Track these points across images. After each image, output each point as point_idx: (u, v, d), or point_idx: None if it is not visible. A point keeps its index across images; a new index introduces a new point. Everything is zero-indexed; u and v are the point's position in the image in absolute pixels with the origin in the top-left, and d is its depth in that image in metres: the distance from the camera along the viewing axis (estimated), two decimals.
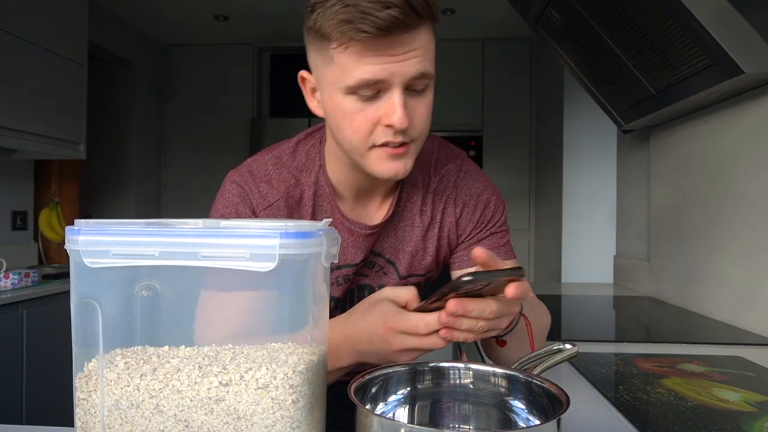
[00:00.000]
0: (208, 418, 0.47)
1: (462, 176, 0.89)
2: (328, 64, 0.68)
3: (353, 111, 0.68)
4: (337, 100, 0.69)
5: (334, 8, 0.63)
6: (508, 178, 3.78)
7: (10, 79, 2.20)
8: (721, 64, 1.20)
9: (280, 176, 0.83)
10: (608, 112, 1.94)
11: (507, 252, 0.90)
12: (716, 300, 1.50)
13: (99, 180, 3.64)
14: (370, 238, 0.85)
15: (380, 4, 0.61)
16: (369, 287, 0.90)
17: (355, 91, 0.67)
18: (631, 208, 2.24)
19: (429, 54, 0.68)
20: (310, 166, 0.84)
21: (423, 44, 0.67)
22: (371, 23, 0.61)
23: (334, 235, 0.52)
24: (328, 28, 0.64)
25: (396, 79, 0.66)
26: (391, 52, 0.64)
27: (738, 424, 0.71)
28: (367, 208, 0.86)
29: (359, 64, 0.65)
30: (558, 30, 1.79)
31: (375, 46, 0.64)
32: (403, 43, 0.64)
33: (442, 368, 0.59)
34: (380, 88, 0.67)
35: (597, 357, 1.05)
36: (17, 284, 2.07)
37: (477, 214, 0.89)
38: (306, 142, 0.87)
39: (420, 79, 0.68)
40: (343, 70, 0.66)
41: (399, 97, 0.66)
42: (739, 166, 1.41)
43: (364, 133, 0.69)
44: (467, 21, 3.51)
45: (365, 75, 0.65)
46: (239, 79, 3.96)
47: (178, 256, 0.46)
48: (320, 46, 0.68)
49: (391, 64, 0.65)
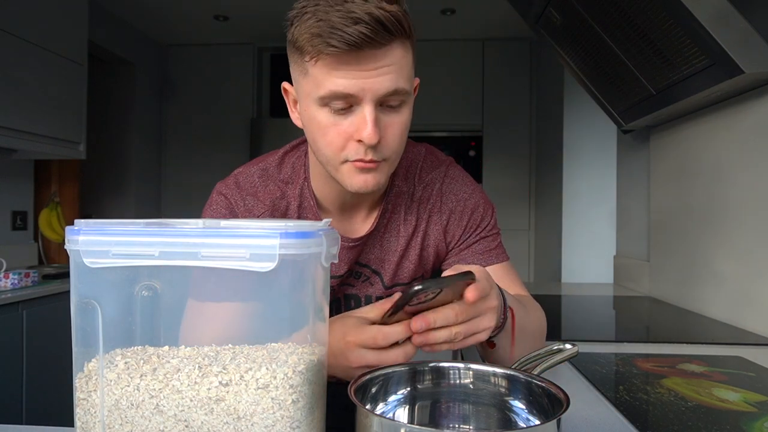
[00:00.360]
0: (208, 418, 0.47)
1: (447, 183, 0.90)
2: (304, 76, 0.69)
3: (327, 124, 0.69)
4: (312, 112, 0.70)
5: (308, 22, 0.65)
6: (508, 178, 3.78)
7: (10, 79, 2.20)
8: (721, 64, 1.20)
9: (266, 189, 0.84)
10: (608, 112, 1.94)
11: (498, 255, 0.90)
12: (716, 300, 1.50)
13: (99, 180, 3.64)
14: (354, 251, 0.86)
15: (350, 19, 0.62)
16: (355, 297, 0.91)
17: (327, 103, 0.68)
18: (631, 208, 2.24)
19: (404, 71, 0.68)
20: (295, 178, 0.86)
21: (396, 61, 0.67)
22: (339, 38, 0.62)
23: (334, 235, 0.52)
24: (302, 41, 0.66)
25: (367, 95, 0.66)
26: (361, 67, 0.65)
27: (738, 424, 0.71)
28: (352, 221, 0.87)
29: (329, 76, 0.66)
30: (558, 30, 1.79)
31: (345, 61, 0.64)
32: (374, 59, 0.65)
33: (442, 368, 0.59)
34: (352, 102, 0.67)
35: (597, 357, 1.05)
36: (17, 284, 2.07)
37: (465, 220, 0.89)
38: (292, 154, 0.88)
39: (393, 96, 0.68)
40: (316, 82, 0.67)
41: (370, 112, 0.67)
42: (739, 166, 1.41)
43: (337, 147, 0.70)
44: (467, 21, 3.51)
45: (335, 87, 0.66)
46: (239, 79, 3.97)
47: (178, 256, 0.47)
48: (297, 58, 0.69)
49: (362, 79, 0.65)
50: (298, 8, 0.67)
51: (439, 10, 3.33)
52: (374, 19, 0.62)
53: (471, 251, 0.90)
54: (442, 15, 3.41)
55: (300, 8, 0.67)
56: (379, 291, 0.90)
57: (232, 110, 3.96)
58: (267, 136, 3.82)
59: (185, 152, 4.00)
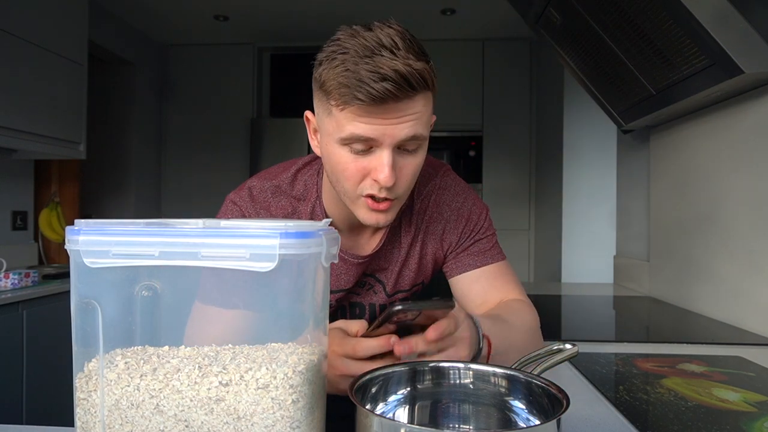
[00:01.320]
0: (208, 418, 0.47)
1: (441, 193, 0.94)
2: (327, 115, 0.72)
3: (346, 161, 0.72)
4: (333, 149, 0.73)
5: (336, 69, 0.68)
6: (508, 178, 3.78)
7: (11, 79, 2.20)
8: (721, 64, 1.20)
9: (278, 204, 0.88)
10: (608, 112, 1.94)
11: (494, 255, 0.94)
12: (716, 300, 1.50)
13: (99, 180, 3.64)
14: (362, 266, 0.90)
15: (378, 75, 0.65)
16: (360, 305, 0.95)
17: (348, 143, 0.71)
18: (631, 208, 2.24)
19: (423, 118, 0.71)
20: (307, 196, 0.89)
21: (416, 111, 0.70)
22: (366, 93, 0.65)
23: (333, 235, 0.52)
24: (330, 87, 0.69)
25: (387, 140, 0.70)
26: (383, 117, 0.68)
27: (738, 424, 0.71)
28: (360, 239, 0.91)
29: (353, 122, 0.69)
30: (558, 30, 1.79)
31: (369, 111, 0.68)
32: (395, 110, 0.68)
33: (442, 368, 0.59)
34: (372, 144, 0.71)
35: (597, 357, 1.05)
36: (17, 284, 2.07)
37: (460, 227, 0.93)
38: (304, 172, 0.91)
39: (411, 141, 0.71)
40: (339, 125, 0.70)
41: (388, 157, 0.70)
42: (739, 166, 1.41)
43: (355, 182, 0.74)
44: (467, 21, 3.51)
45: (357, 131, 0.69)
46: (239, 79, 3.96)
47: (178, 256, 0.47)
48: (322, 97, 0.72)
49: (383, 126, 0.68)
50: (328, 52, 0.70)
51: (439, 10, 3.33)
52: (400, 75, 0.65)
53: (467, 254, 0.94)
54: (442, 15, 3.41)
55: (330, 52, 0.69)
56: (382, 299, 0.94)
57: (232, 110, 3.96)
58: (267, 136, 3.82)
59: (185, 152, 4.00)
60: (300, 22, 3.56)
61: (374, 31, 0.67)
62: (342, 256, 0.88)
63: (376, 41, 0.66)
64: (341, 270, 0.89)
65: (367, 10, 3.32)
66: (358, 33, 0.68)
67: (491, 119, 3.81)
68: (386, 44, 0.66)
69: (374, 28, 0.68)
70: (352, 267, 0.89)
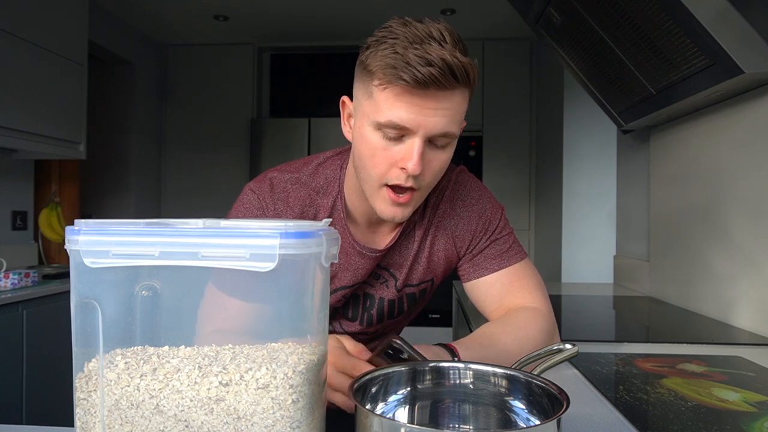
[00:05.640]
0: (208, 418, 0.46)
1: (455, 189, 0.95)
2: (367, 97, 0.75)
3: (377, 147, 0.75)
4: (366, 132, 0.76)
5: (385, 51, 0.70)
6: (508, 178, 3.78)
7: (10, 79, 2.20)
8: (721, 64, 1.20)
9: (297, 195, 0.88)
10: (608, 112, 1.94)
11: (510, 257, 0.93)
12: (716, 300, 1.50)
13: (99, 180, 3.64)
14: (377, 259, 0.91)
15: (424, 60, 0.67)
16: (371, 297, 0.96)
17: (382, 128, 0.73)
18: (631, 208, 2.24)
19: (457, 116, 0.74)
20: (329, 189, 0.89)
21: (453, 106, 0.72)
22: (411, 74, 0.68)
23: (334, 235, 0.52)
24: (375, 67, 0.71)
25: (420, 130, 0.72)
26: (423, 104, 0.70)
27: (738, 424, 0.71)
28: (377, 234, 0.92)
29: (392, 106, 0.71)
30: (558, 30, 1.79)
31: (410, 94, 0.70)
32: (435, 99, 0.70)
33: (442, 368, 0.59)
34: (405, 133, 0.73)
35: (597, 357, 1.05)
36: (17, 284, 2.07)
37: (473, 225, 0.93)
38: (326, 166, 0.92)
39: (442, 137, 0.74)
40: (378, 107, 0.73)
41: (419, 146, 0.72)
42: (739, 166, 1.41)
43: (381, 170, 0.76)
44: (467, 21, 3.51)
45: (393, 117, 0.71)
46: (239, 79, 3.96)
47: (178, 256, 0.46)
48: (365, 79, 0.75)
49: (420, 115, 0.71)
50: (379, 36, 0.72)
51: (439, 10, 3.33)
52: (446, 64, 0.68)
53: (483, 256, 0.93)
54: (442, 15, 3.41)
55: (380, 36, 0.72)
56: (391, 294, 0.95)
57: (232, 110, 3.96)
58: (267, 136, 3.81)
59: (185, 152, 4.00)
60: (300, 22, 3.55)
61: (425, 23, 0.71)
62: (359, 251, 0.90)
63: (426, 32, 0.69)
64: (358, 265, 0.90)
65: (368, 11, 3.32)
66: (410, 23, 0.71)
67: (491, 119, 3.81)
68: (436, 36, 0.69)
69: (425, 21, 0.71)
70: (369, 261, 0.91)
